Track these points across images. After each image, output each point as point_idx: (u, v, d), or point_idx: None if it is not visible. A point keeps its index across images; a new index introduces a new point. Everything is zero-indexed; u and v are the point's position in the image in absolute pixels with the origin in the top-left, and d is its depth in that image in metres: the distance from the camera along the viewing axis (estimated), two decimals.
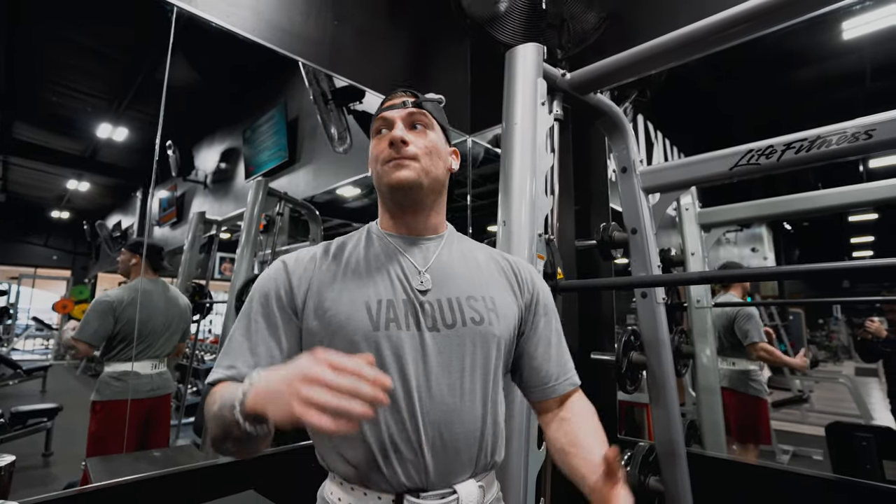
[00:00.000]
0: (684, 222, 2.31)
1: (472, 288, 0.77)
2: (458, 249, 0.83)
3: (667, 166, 1.46)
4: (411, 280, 0.75)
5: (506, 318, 0.77)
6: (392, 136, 0.76)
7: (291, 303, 0.74)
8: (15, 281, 2.07)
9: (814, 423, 3.78)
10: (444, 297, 0.75)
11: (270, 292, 0.74)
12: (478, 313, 0.74)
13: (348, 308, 0.71)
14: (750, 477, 1.60)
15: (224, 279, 2.43)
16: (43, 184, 2.21)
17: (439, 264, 0.78)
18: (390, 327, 0.70)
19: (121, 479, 1.12)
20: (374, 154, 0.80)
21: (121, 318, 1.69)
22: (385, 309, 0.71)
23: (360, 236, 0.83)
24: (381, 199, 0.83)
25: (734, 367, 2.65)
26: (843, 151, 1.07)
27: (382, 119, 0.80)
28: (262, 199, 2.15)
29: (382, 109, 0.81)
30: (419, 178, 0.76)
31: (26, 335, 2.20)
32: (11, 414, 1.67)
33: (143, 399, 1.70)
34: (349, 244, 0.82)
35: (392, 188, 0.77)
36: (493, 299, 0.77)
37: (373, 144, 0.81)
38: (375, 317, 0.71)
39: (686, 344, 1.70)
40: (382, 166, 0.77)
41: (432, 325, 0.72)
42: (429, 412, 0.68)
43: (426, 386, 0.69)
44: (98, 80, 2.22)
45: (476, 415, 0.71)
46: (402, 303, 0.73)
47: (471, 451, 0.70)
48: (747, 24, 1.13)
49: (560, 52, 1.50)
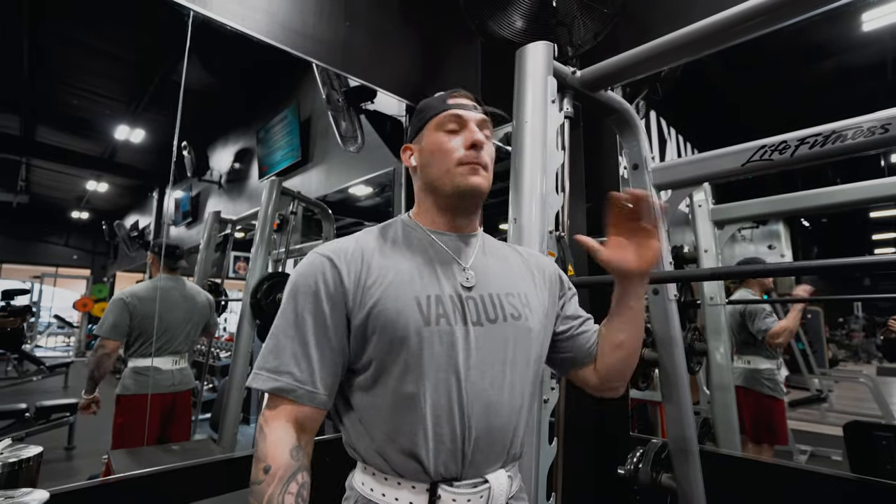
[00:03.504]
0: (697, 219, 2.28)
1: (509, 285, 0.79)
2: (491, 247, 0.85)
3: (678, 163, 1.45)
4: (457, 276, 0.77)
5: (538, 312, 0.80)
6: (475, 138, 0.77)
7: (343, 299, 0.72)
8: (37, 280, 2.13)
9: (833, 422, 3.71)
10: (486, 292, 0.76)
11: (319, 289, 0.72)
12: (516, 309, 0.77)
13: (398, 303, 0.71)
14: (764, 475, 1.58)
15: (239, 278, 2.47)
16: (63, 185, 2.27)
17: (479, 262, 0.80)
18: (440, 322, 0.71)
19: (141, 470, 1.15)
20: (444, 149, 0.78)
21: (136, 313, 1.73)
22: (434, 304, 0.72)
23: (397, 230, 0.82)
24: (435, 195, 0.81)
25: (749, 365, 2.60)
26: (859, 146, 1.05)
27: (457, 116, 0.79)
28: (276, 199, 2.18)
29: (450, 106, 0.80)
30: (488, 187, 0.79)
31: (49, 332, 2.26)
32: (36, 408, 1.72)
33: (166, 394, 1.74)
34: (388, 238, 0.80)
35: (463, 192, 0.77)
36: (527, 295, 0.80)
37: (439, 138, 0.79)
38: (426, 312, 0.71)
39: (699, 341, 1.69)
40: (457, 167, 0.77)
41: (477, 320, 0.73)
42: (472, 404, 0.69)
43: (473, 379, 0.70)
44: (116, 83, 2.27)
45: (514, 407, 0.73)
46: (450, 298, 0.73)
47: (504, 443, 0.72)
48: (763, 17, 1.11)
49: (570, 49, 1.50)
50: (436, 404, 0.68)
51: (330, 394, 0.72)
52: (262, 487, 0.65)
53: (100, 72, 2.23)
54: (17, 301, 1.79)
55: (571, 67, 1.34)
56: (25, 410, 1.69)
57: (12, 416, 1.66)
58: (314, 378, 0.70)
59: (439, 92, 0.85)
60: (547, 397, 1.15)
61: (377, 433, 0.70)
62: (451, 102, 0.81)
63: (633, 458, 1.47)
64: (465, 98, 0.82)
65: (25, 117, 1.98)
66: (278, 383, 0.69)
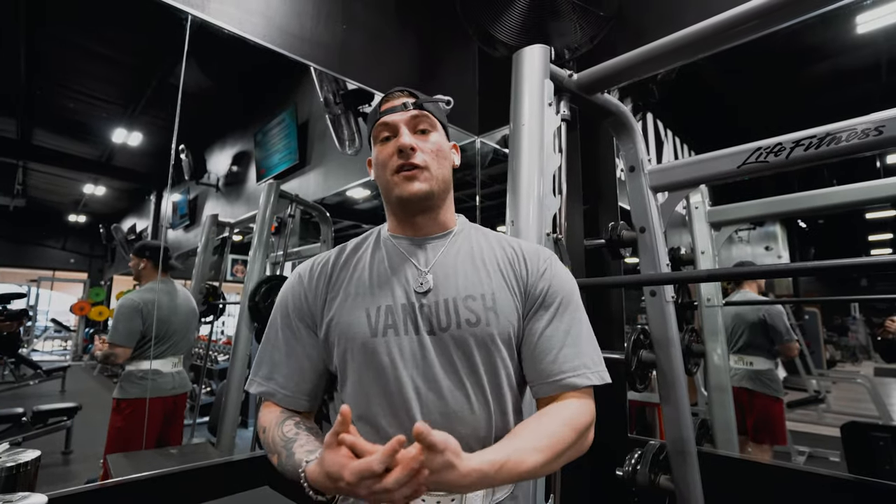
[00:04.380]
0: (694, 221, 2.29)
1: (472, 286, 0.75)
2: (466, 244, 0.80)
3: (674, 165, 1.46)
4: (412, 283, 0.75)
5: (506, 315, 0.74)
6: (400, 143, 0.74)
7: (310, 314, 0.78)
8: (34, 283, 2.13)
9: (830, 423, 3.71)
10: (441, 298, 0.74)
11: (289, 305, 0.79)
12: (474, 314, 0.73)
13: (350, 316, 0.74)
14: (762, 476, 1.58)
15: (237, 281, 2.46)
16: (60, 188, 2.26)
17: (441, 264, 0.77)
18: (388, 333, 0.72)
19: (139, 474, 1.15)
20: (379, 160, 0.78)
21: (147, 318, 1.73)
22: (384, 315, 0.73)
23: (370, 241, 0.84)
24: (389, 205, 0.82)
25: (751, 367, 2.60)
26: (853, 148, 1.06)
27: (384, 124, 0.77)
28: (274, 202, 2.18)
29: (382, 113, 0.78)
30: (431, 188, 0.76)
31: (45, 336, 2.25)
32: (33, 413, 1.71)
33: (167, 397, 1.74)
34: (360, 250, 0.83)
35: (404, 201, 0.76)
36: (494, 296, 0.74)
37: (377, 150, 0.79)
38: (374, 324, 0.72)
39: (697, 343, 1.69)
40: (392, 176, 0.76)
41: (430, 329, 0.72)
42: (430, 413, 0.68)
43: (427, 388, 0.69)
44: (113, 87, 2.27)
45: (480, 414, 0.70)
46: (402, 307, 0.73)
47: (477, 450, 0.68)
48: (757, 21, 1.12)
49: (567, 53, 1.51)
50: (388, 413, 0.70)
51: (311, 398, 0.78)
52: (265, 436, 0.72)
53: (97, 75, 2.23)
54: (13, 305, 1.78)
55: (568, 70, 1.35)
56: (22, 415, 1.68)
57: (9, 420, 1.65)
58: (292, 383, 0.77)
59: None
60: None
61: None
62: (382, 110, 0.79)
63: (632, 460, 1.47)
64: (396, 98, 0.79)
65: (22, 120, 1.97)
66: (266, 388, 0.77)
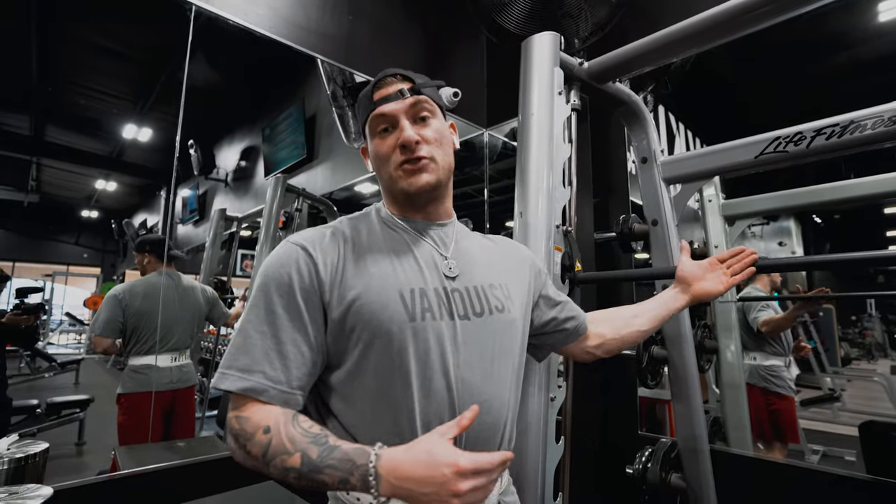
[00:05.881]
0: (707, 214, 2.24)
1: (492, 275, 0.78)
2: (466, 236, 0.83)
3: (688, 156, 1.42)
4: (439, 266, 0.73)
5: (518, 302, 0.78)
6: (404, 138, 0.71)
7: (318, 292, 0.67)
8: (49, 278, 2.16)
9: (846, 422, 3.64)
10: (470, 284, 0.74)
11: (293, 281, 0.66)
12: (499, 301, 0.75)
13: (380, 297, 0.66)
14: (777, 476, 1.55)
15: (246, 276, 2.47)
16: (73, 184, 2.29)
17: (460, 251, 0.77)
18: (426, 317, 0.67)
19: (147, 467, 1.16)
20: (380, 154, 0.74)
21: (129, 310, 1.72)
22: (419, 298, 0.68)
23: (371, 220, 0.78)
24: (393, 196, 0.78)
25: (754, 361, 2.58)
26: (878, 136, 1.02)
27: (381, 115, 0.73)
28: (281, 196, 2.17)
29: (376, 102, 0.73)
30: (438, 178, 0.74)
31: (60, 330, 2.28)
32: (47, 404, 1.74)
33: (165, 391, 1.73)
34: (363, 228, 0.76)
35: (411, 194, 0.73)
36: (508, 286, 0.79)
37: (375, 143, 0.75)
38: (411, 306, 0.67)
39: (709, 339, 1.66)
40: (395, 171, 0.73)
41: (464, 314, 0.70)
42: (466, 402, 0.66)
43: (461, 376, 0.67)
44: (123, 82, 2.28)
45: (503, 402, 0.71)
46: (434, 291, 0.70)
47: (495, 440, 0.70)
48: (773, 5, 1.08)
49: (577, 42, 1.47)
50: (425, 407, 0.65)
51: (304, 396, 0.66)
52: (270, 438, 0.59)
53: (106, 71, 2.24)
54: (30, 299, 1.81)
55: (578, 59, 1.32)
56: (37, 406, 1.70)
57: (24, 411, 1.68)
58: (289, 377, 0.64)
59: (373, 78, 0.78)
60: (554, 395, 1.13)
61: (361, 437, 0.65)
62: (376, 99, 0.74)
63: (642, 458, 1.44)
64: (390, 85, 0.74)
65: (35, 117, 1.99)
66: (248, 383, 0.62)
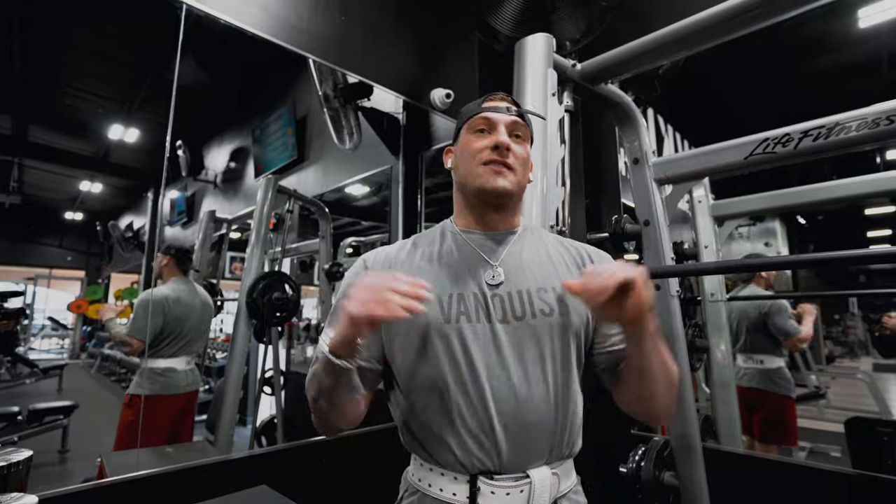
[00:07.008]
0: (697, 215, 2.27)
1: (544, 280, 0.79)
2: (531, 243, 0.85)
3: (679, 157, 1.44)
4: (483, 274, 0.79)
5: (577, 308, 0.78)
6: (499, 140, 0.79)
7: None
8: (31, 281, 2.10)
9: (831, 419, 3.72)
10: (514, 289, 0.78)
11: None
12: (548, 305, 0.77)
13: None
14: (767, 472, 1.57)
15: (234, 278, 2.44)
16: (57, 185, 2.24)
17: (510, 258, 0.81)
18: (461, 320, 0.75)
19: (134, 474, 1.13)
20: (470, 149, 0.81)
21: (168, 315, 1.74)
22: (456, 302, 0.76)
23: (435, 234, 0.88)
24: (464, 194, 0.85)
25: (762, 365, 2.51)
26: (863, 138, 1.04)
27: (486, 119, 0.82)
28: (272, 197, 2.15)
29: (484, 109, 0.83)
30: (513, 189, 0.80)
31: (42, 335, 2.23)
32: (29, 411, 1.69)
33: (181, 394, 1.75)
34: (424, 241, 0.86)
35: (485, 192, 0.80)
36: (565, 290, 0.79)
37: (468, 139, 0.83)
38: (447, 310, 0.75)
39: (700, 338, 1.68)
40: (480, 167, 0.80)
41: (502, 318, 0.75)
42: (501, 400, 0.71)
43: (497, 375, 0.72)
44: (109, 82, 2.24)
45: (549, 403, 0.73)
46: (473, 296, 0.76)
47: (544, 439, 0.72)
48: (762, 9, 1.11)
49: (569, 43, 1.48)
50: (457, 400, 0.72)
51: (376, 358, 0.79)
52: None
53: (93, 70, 2.20)
54: (10, 303, 1.77)
55: (571, 60, 1.33)
56: (18, 413, 1.66)
57: (4, 419, 1.63)
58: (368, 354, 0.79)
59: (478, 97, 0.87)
60: None
61: (414, 425, 0.76)
62: (484, 105, 0.84)
63: (635, 456, 1.45)
64: (499, 101, 0.84)
65: (17, 117, 1.95)
66: None
